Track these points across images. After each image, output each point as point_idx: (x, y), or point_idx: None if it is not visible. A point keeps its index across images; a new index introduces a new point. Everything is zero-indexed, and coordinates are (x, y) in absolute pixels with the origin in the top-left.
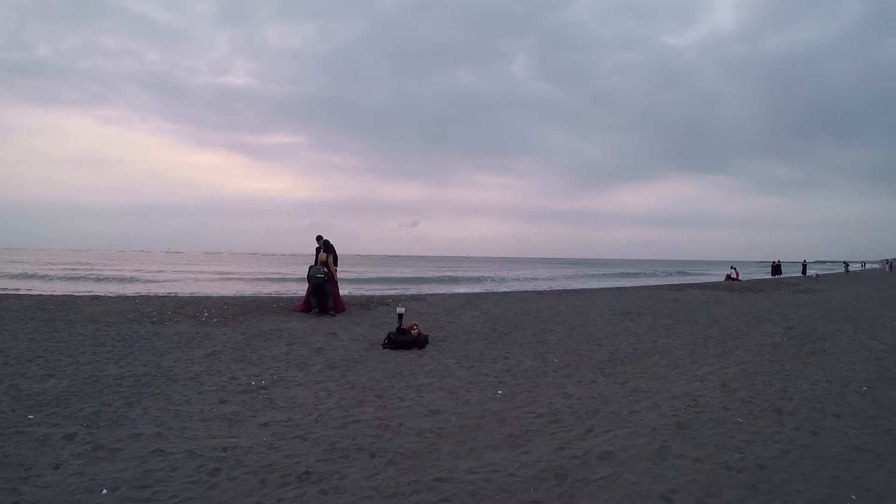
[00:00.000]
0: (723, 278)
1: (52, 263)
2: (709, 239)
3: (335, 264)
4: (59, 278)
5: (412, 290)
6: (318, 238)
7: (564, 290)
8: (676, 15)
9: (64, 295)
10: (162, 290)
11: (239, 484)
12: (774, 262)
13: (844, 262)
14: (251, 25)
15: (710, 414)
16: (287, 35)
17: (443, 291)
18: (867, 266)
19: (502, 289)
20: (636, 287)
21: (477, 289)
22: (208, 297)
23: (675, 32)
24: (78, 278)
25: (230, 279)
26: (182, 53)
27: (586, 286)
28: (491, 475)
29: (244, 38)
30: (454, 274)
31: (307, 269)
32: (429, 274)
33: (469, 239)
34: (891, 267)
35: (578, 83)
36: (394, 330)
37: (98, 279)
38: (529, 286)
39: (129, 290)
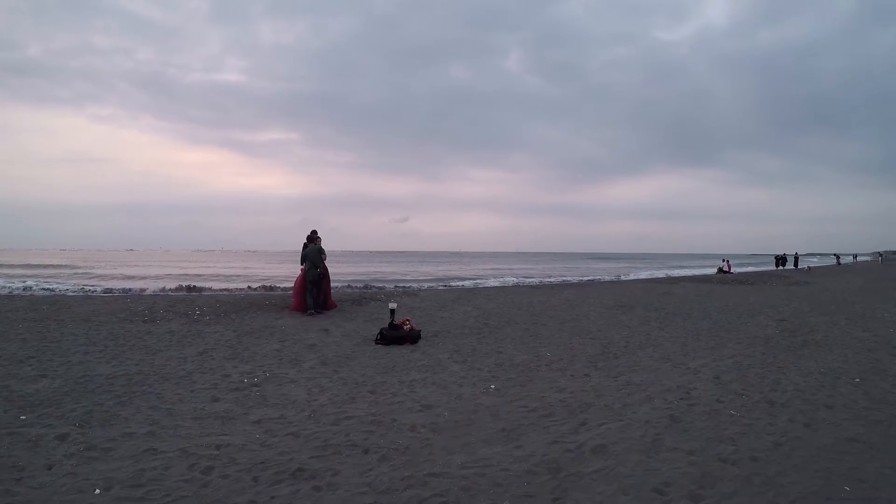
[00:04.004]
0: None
1: (42, 263)
2: (701, 232)
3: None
4: (51, 278)
5: (404, 285)
6: (314, 233)
7: (557, 284)
8: (669, 10)
9: (56, 294)
10: (154, 288)
11: (232, 482)
12: (778, 255)
13: (836, 255)
14: (244, 22)
15: (704, 406)
16: (280, 32)
17: (435, 286)
18: (858, 258)
19: (494, 283)
20: (629, 280)
21: (469, 283)
22: (200, 296)
23: (668, 27)
24: (70, 278)
25: (222, 277)
26: (174, 51)
27: (579, 279)
28: (484, 470)
29: (237, 35)
30: (446, 269)
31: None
32: (421, 269)
33: (461, 234)
34: (882, 259)
35: (571, 78)
36: (386, 325)
37: (89, 278)
38: (522, 280)
39: (121, 288)
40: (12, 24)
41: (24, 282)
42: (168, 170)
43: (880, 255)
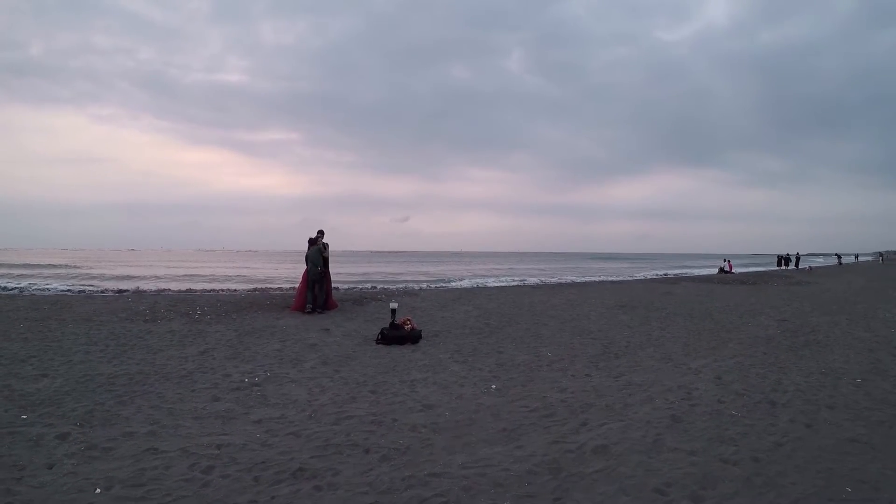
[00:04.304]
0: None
1: (43, 263)
2: (702, 232)
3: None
4: (52, 278)
5: (405, 285)
6: (321, 233)
7: (558, 284)
8: (670, 10)
9: (57, 294)
10: (155, 288)
11: (233, 481)
12: (781, 255)
13: (837, 255)
14: (245, 22)
15: (705, 407)
16: (281, 31)
17: (436, 286)
18: (860, 258)
19: (495, 283)
20: (629, 280)
21: (470, 283)
22: (201, 295)
23: (669, 27)
24: (70, 277)
25: (223, 276)
26: (175, 51)
27: (580, 280)
28: (485, 470)
29: (238, 35)
30: (447, 268)
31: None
32: (421, 269)
33: (462, 234)
34: (883, 259)
35: (572, 78)
36: (387, 325)
37: (91, 278)
38: (522, 280)
39: (122, 288)
40: (13, 24)
41: (26, 281)
42: (169, 170)
43: (881, 255)
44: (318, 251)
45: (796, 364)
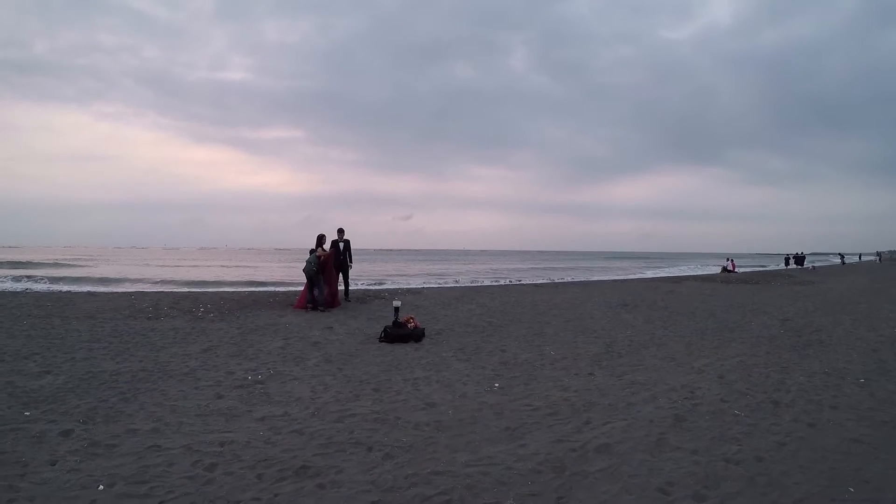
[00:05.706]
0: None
1: (47, 261)
2: (705, 231)
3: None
4: (55, 275)
5: (408, 283)
6: (340, 232)
7: (561, 283)
8: (673, 9)
9: (60, 291)
10: (158, 285)
11: (236, 479)
12: (795, 254)
13: (840, 254)
14: (249, 21)
15: (708, 406)
16: (285, 30)
17: (439, 284)
18: (863, 258)
19: (498, 281)
20: (632, 279)
21: (473, 282)
22: (204, 293)
23: (673, 26)
24: (74, 275)
25: (227, 274)
26: (180, 49)
27: (583, 278)
28: (488, 468)
29: (242, 33)
30: (450, 267)
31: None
32: (425, 267)
33: (465, 232)
34: (881, 259)
35: (576, 77)
36: (390, 323)
37: (94, 276)
38: (525, 279)
39: (125, 286)
40: (18, 22)
41: (29, 278)
42: (172, 167)
43: (879, 254)
44: (314, 255)
45: (799, 364)
